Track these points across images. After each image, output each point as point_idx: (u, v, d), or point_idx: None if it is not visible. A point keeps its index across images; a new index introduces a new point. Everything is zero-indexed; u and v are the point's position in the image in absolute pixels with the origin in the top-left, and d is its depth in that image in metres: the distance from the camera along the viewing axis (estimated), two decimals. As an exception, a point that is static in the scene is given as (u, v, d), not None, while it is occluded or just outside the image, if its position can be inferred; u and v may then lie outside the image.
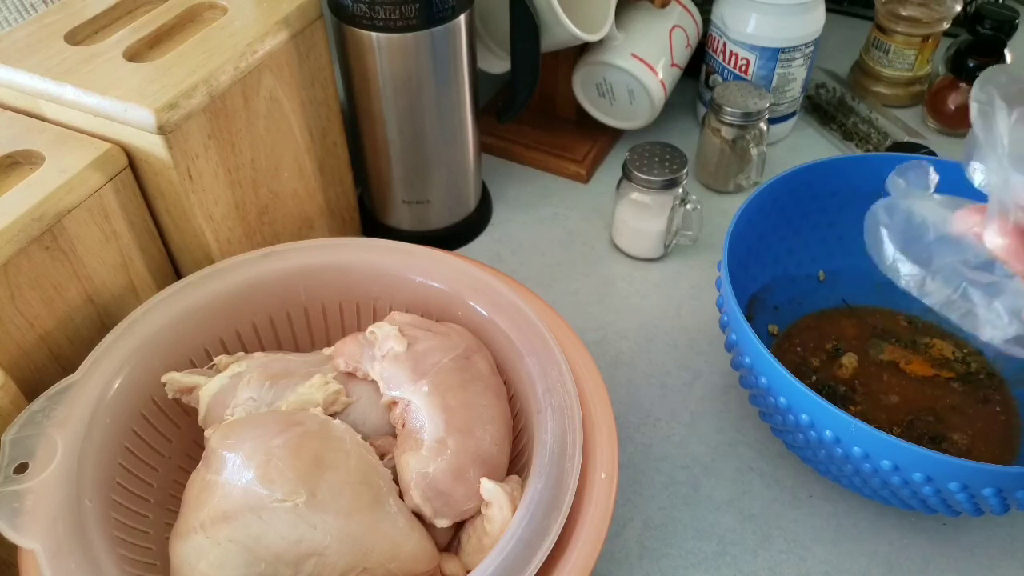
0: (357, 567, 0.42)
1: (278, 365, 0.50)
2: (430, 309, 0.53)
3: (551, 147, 0.81)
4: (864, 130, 0.82)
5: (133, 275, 0.53)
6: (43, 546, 0.38)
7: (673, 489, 0.56)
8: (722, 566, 0.52)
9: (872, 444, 0.44)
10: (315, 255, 0.54)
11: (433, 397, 0.46)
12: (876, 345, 0.61)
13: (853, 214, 0.61)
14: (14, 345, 0.46)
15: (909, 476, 0.44)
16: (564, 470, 0.42)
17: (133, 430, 0.46)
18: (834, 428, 0.45)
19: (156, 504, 0.47)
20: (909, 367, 0.60)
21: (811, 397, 0.45)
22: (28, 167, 0.48)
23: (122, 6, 0.57)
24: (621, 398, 0.61)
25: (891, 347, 0.61)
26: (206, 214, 0.53)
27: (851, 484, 0.51)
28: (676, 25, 0.78)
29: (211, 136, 0.51)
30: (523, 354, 0.48)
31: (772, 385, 0.48)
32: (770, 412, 0.51)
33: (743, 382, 0.53)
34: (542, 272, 0.71)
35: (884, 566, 0.52)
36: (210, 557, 0.40)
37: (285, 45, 0.55)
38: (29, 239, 0.45)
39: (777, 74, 0.77)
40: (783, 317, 0.63)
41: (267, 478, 0.41)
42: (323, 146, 0.63)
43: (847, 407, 0.57)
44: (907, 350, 0.61)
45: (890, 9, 0.83)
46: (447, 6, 0.58)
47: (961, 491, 0.44)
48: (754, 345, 0.48)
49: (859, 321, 0.63)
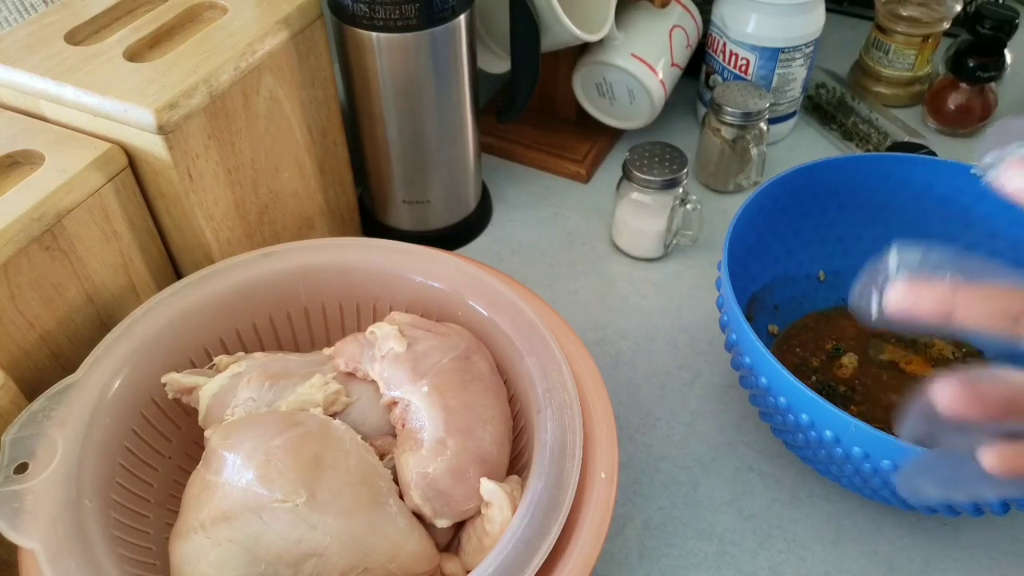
0: (357, 567, 0.42)
1: (278, 365, 0.50)
2: (430, 309, 0.53)
3: (551, 147, 0.81)
4: (864, 130, 0.82)
5: (133, 275, 0.53)
6: (43, 546, 0.38)
7: (673, 489, 0.56)
8: (722, 566, 0.52)
9: (872, 444, 0.44)
10: (315, 255, 0.54)
11: (433, 397, 0.46)
12: (876, 345, 0.61)
13: (853, 214, 0.62)
14: (14, 345, 0.46)
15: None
16: (564, 470, 0.42)
17: (133, 430, 0.46)
18: (834, 428, 0.45)
19: (156, 504, 0.47)
20: (909, 367, 0.60)
21: (811, 397, 0.45)
22: (28, 167, 0.48)
23: (122, 6, 0.57)
24: (621, 398, 0.61)
25: (891, 347, 0.61)
26: (206, 214, 0.53)
27: (851, 484, 0.50)
28: (676, 25, 0.78)
29: (211, 136, 0.51)
30: (523, 354, 0.48)
31: (772, 385, 0.48)
32: (770, 412, 0.51)
33: (743, 382, 0.53)
34: (542, 272, 0.71)
35: (884, 566, 0.52)
36: (210, 557, 0.40)
37: (285, 45, 0.55)
38: (29, 239, 0.45)
39: (777, 74, 0.77)
40: (783, 317, 0.63)
41: (267, 478, 0.41)
42: (323, 146, 0.63)
43: (847, 407, 0.57)
44: (907, 350, 0.61)
45: (890, 9, 0.83)
46: (447, 6, 0.58)
47: None
48: (754, 345, 0.48)
49: (859, 321, 0.63)
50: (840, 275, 0.64)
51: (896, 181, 0.60)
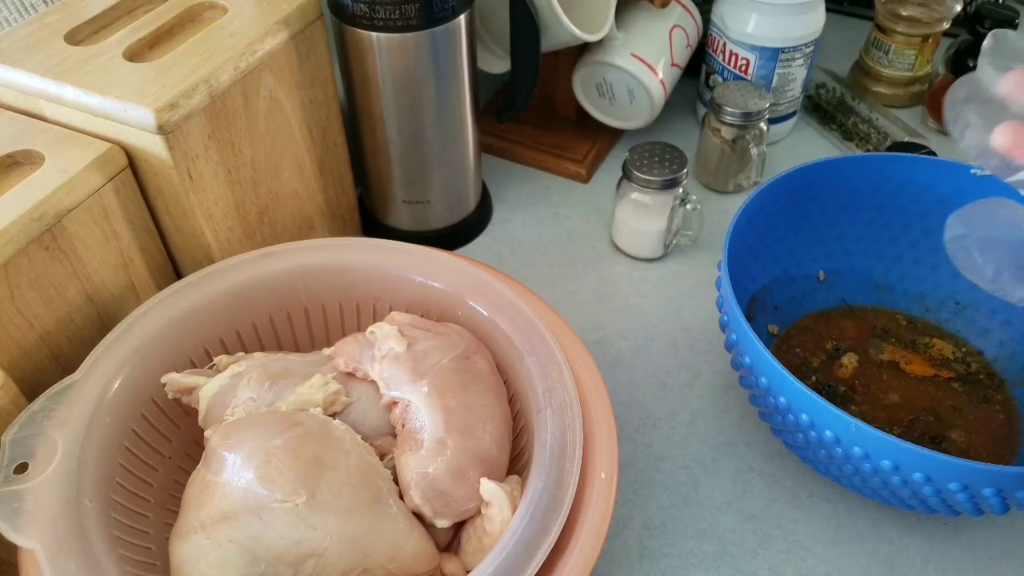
0: (357, 567, 0.42)
1: (278, 365, 0.50)
2: (430, 309, 0.53)
3: (551, 147, 0.81)
4: (864, 130, 0.82)
5: (133, 275, 0.53)
6: (43, 546, 0.38)
7: (673, 489, 0.56)
8: (722, 566, 0.52)
9: (872, 444, 0.44)
10: (315, 255, 0.54)
11: (433, 397, 0.46)
12: (876, 345, 0.61)
13: (853, 214, 0.62)
14: (14, 345, 0.46)
15: (909, 476, 0.44)
16: (564, 470, 0.42)
17: (133, 430, 0.46)
18: (834, 428, 0.45)
19: (156, 504, 0.47)
20: (909, 367, 0.60)
21: (811, 397, 0.45)
22: (28, 167, 0.48)
23: (122, 6, 0.57)
24: (621, 398, 0.61)
25: (891, 347, 0.61)
26: (206, 214, 0.53)
27: (851, 484, 0.50)
28: (676, 25, 0.78)
29: (211, 136, 0.51)
30: (523, 354, 0.48)
31: (772, 385, 0.48)
32: (770, 412, 0.51)
33: (743, 382, 0.53)
34: (542, 272, 0.71)
35: (884, 566, 0.52)
36: (210, 557, 0.40)
37: (285, 45, 0.55)
38: (29, 239, 0.45)
39: (777, 74, 0.77)
40: (783, 317, 0.63)
41: (267, 478, 0.41)
42: (323, 146, 0.63)
43: (847, 407, 0.57)
44: (907, 350, 0.61)
45: (890, 9, 0.83)
46: (447, 6, 0.58)
47: (961, 491, 0.44)
48: (754, 345, 0.48)
49: (859, 321, 0.63)
50: (840, 275, 0.64)
51: (896, 181, 0.60)
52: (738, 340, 0.50)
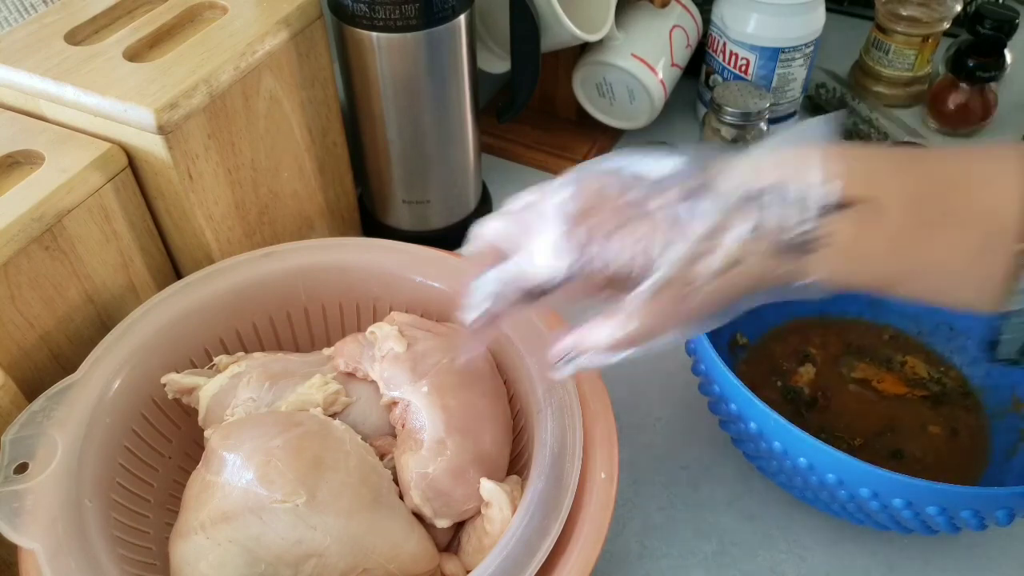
0: (357, 568, 0.42)
1: (278, 365, 0.50)
2: (430, 309, 0.53)
3: (551, 147, 0.81)
4: (864, 130, 0.82)
5: (133, 275, 0.53)
6: (43, 546, 0.38)
7: (673, 489, 0.56)
8: (722, 566, 0.52)
9: (817, 457, 0.44)
10: (315, 255, 0.54)
11: (433, 397, 0.46)
12: (848, 362, 0.60)
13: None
14: (14, 345, 0.46)
15: (855, 491, 0.44)
16: (564, 470, 0.42)
17: (133, 430, 0.46)
18: (783, 439, 0.45)
19: (156, 504, 0.47)
20: (881, 385, 0.59)
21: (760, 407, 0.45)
22: (28, 167, 0.48)
23: (122, 6, 0.57)
24: (621, 398, 0.61)
25: (864, 365, 0.60)
26: (206, 214, 0.53)
27: (803, 497, 0.50)
28: (676, 25, 0.78)
29: (211, 136, 0.51)
30: (523, 354, 0.48)
31: (724, 394, 0.48)
32: (742, 439, 0.51)
33: (712, 407, 0.53)
34: (542, 272, 0.71)
35: (884, 566, 0.52)
36: (210, 557, 0.40)
37: (285, 45, 0.55)
38: (29, 239, 0.45)
39: (777, 74, 0.77)
40: (753, 327, 0.62)
41: (267, 479, 0.41)
42: (323, 146, 0.63)
43: (808, 419, 0.57)
44: (880, 368, 0.60)
45: (890, 9, 0.83)
46: (447, 6, 0.58)
47: (906, 508, 0.43)
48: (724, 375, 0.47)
49: (834, 335, 0.62)
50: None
51: (896, 181, 0.60)
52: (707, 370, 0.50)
